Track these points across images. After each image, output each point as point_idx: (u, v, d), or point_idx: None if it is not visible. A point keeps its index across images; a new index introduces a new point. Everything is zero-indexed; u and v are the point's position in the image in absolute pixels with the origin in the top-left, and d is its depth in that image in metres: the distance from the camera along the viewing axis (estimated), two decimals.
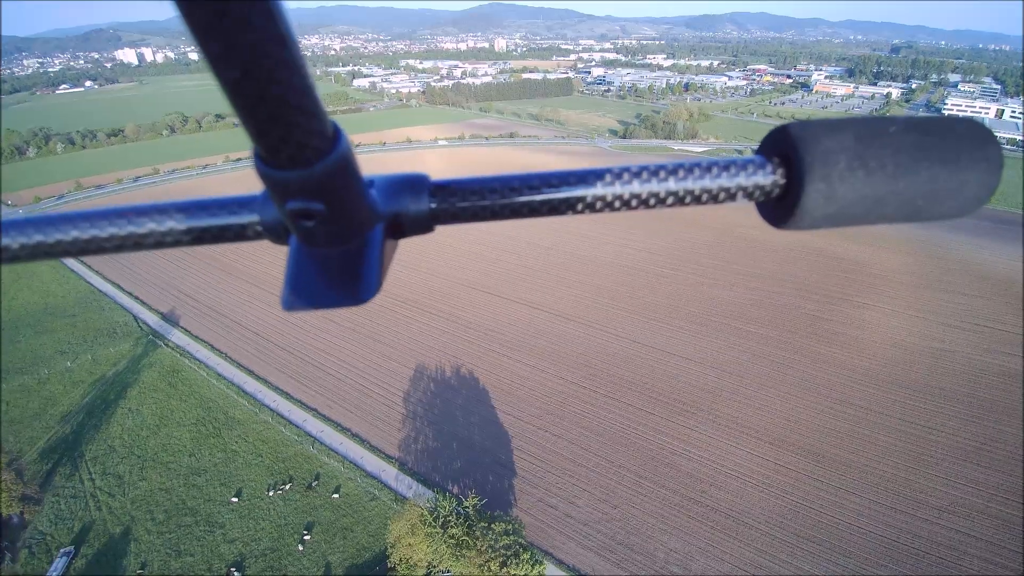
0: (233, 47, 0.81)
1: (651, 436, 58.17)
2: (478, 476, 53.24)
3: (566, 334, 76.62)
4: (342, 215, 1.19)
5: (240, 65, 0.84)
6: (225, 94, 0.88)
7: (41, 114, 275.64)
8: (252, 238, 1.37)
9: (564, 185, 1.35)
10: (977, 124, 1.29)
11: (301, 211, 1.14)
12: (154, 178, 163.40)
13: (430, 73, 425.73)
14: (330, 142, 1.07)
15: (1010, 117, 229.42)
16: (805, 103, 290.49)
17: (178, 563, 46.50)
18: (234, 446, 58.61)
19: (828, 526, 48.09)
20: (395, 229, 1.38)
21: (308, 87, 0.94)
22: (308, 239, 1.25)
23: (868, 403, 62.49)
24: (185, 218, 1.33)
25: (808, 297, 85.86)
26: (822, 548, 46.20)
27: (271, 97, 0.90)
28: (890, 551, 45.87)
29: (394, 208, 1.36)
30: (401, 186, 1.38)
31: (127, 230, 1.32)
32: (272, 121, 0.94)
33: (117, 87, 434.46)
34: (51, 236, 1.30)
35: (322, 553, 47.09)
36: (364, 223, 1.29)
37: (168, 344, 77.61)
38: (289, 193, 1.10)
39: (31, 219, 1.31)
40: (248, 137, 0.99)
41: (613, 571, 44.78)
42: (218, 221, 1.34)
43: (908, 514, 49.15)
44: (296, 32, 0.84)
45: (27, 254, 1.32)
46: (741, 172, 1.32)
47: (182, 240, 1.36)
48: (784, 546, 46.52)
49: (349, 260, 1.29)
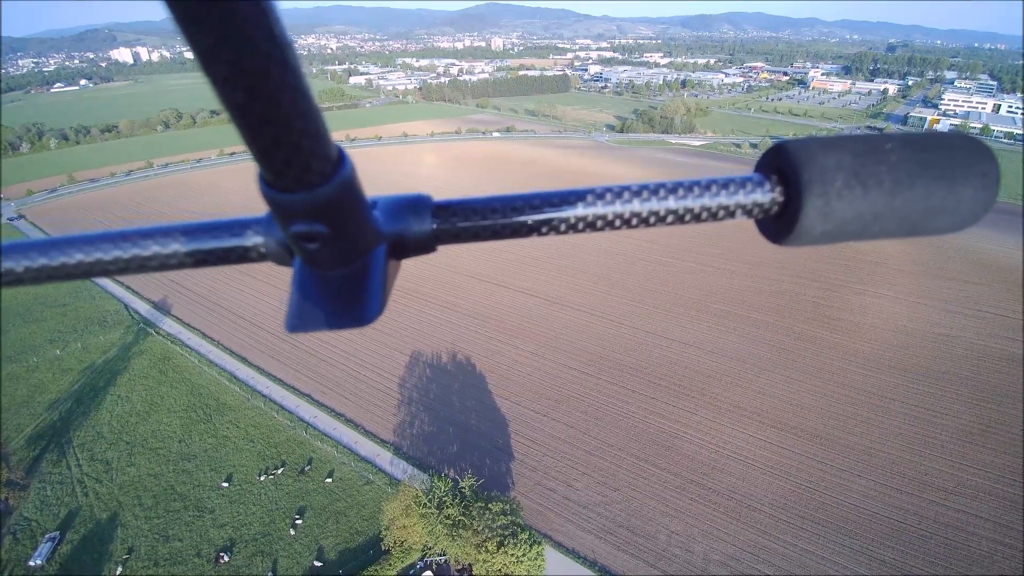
0: (238, 71, 0.81)
1: (652, 420, 57.08)
2: (475, 460, 52.06)
3: (564, 321, 75.52)
4: (345, 237, 1.19)
5: (246, 89, 0.84)
6: (231, 118, 0.90)
7: (35, 112, 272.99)
8: (256, 260, 1.37)
9: (565, 205, 1.35)
10: (974, 140, 1.28)
11: (305, 234, 1.14)
12: (147, 172, 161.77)
13: (427, 71, 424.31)
14: (334, 165, 1.08)
15: (1007, 112, 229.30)
16: (802, 99, 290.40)
17: (166, 548, 45.19)
18: (225, 432, 57.30)
19: (833, 508, 47.05)
20: (398, 250, 1.38)
21: (313, 111, 0.95)
22: (312, 261, 1.25)
23: (872, 387, 61.52)
24: (189, 240, 1.33)
25: (808, 284, 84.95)
26: (827, 530, 45.16)
27: (276, 121, 0.91)
28: (897, 532, 44.85)
29: (397, 229, 1.36)
30: (404, 207, 1.38)
31: (131, 253, 1.32)
32: (277, 145, 0.95)
33: (112, 85, 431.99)
34: (56, 260, 1.30)
35: (314, 537, 45.84)
36: (367, 244, 1.29)
37: (159, 332, 76.23)
38: (293, 216, 1.11)
39: (35, 243, 1.31)
40: (254, 160, 1.01)
41: (614, 553, 43.66)
42: (222, 243, 1.34)
43: (914, 496, 48.15)
44: (293, 35, 0.88)
45: (31, 278, 1.31)
46: (740, 190, 1.32)
47: (186, 263, 1.36)
48: (789, 528, 45.46)
49: (352, 281, 1.29)
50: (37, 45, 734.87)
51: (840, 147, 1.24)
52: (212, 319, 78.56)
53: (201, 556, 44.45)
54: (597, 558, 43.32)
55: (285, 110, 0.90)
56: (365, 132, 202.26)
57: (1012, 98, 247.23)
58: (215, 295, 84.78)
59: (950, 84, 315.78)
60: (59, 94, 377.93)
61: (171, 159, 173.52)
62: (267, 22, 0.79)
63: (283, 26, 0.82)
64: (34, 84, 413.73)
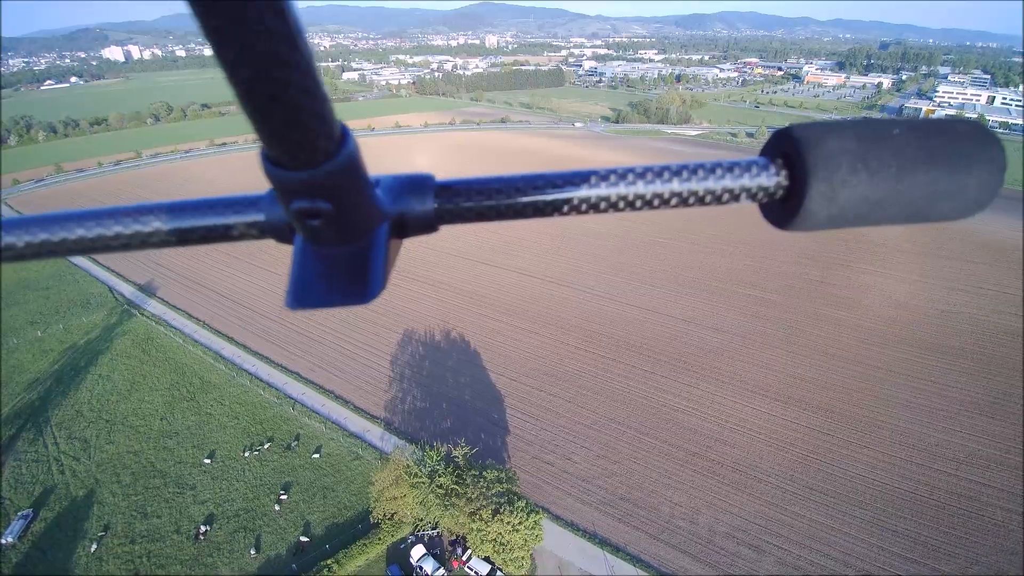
0: (248, 50, 0.82)
1: (652, 394, 55.25)
2: (469, 435, 49.94)
3: (561, 299, 73.65)
4: (348, 214, 1.20)
5: (254, 68, 0.85)
6: (237, 96, 0.89)
7: (25, 108, 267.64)
8: (257, 237, 1.36)
9: (568, 185, 1.34)
10: (980, 126, 1.28)
11: (307, 210, 1.14)
12: (136, 162, 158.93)
13: (421, 67, 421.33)
14: (338, 143, 1.08)
15: (1001, 103, 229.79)
16: (797, 92, 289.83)
17: (144, 525, 42.97)
18: (209, 409, 55.10)
19: (841, 478, 45.31)
20: (400, 228, 1.38)
21: (319, 89, 0.95)
22: (314, 238, 1.25)
23: (877, 361, 59.90)
24: (190, 217, 1.33)
25: (809, 264, 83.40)
26: (836, 500, 43.40)
27: (283, 99, 0.91)
28: (908, 502, 43.15)
29: (399, 208, 1.36)
30: (406, 186, 1.38)
31: (132, 228, 1.31)
32: (283, 123, 0.96)
33: (103, 83, 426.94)
34: (56, 234, 1.29)
35: (300, 513, 43.74)
36: (369, 222, 1.29)
37: (143, 313, 73.88)
38: (297, 193, 1.11)
39: (37, 218, 1.30)
40: (258, 138, 0.99)
41: (615, 526, 41.76)
42: (223, 220, 1.33)
43: (925, 466, 46.49)
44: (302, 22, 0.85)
45: (32, 252, 1.31)
46: (745, 173, 1.31)
47: (188, 239, 1.35)
48: (795, 499, 43.69)
49: (354, 259, 1.29)
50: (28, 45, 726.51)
51: (846, 131, 1.22)
52: (197, 300, 76.27)
53: (180, 532, 42.32)
54: (597, 530, 41.44)
55: (292, 88, 0.90)
56: (357, 124, 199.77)
57: (1005, 91, 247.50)
58: (201, 276, 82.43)
59: (944, 79, 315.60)
60: (49, 91, 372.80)
61: (161, 149, 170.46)
62: (277, 1, 0.79)
63: (293, 4, 0.82)
64: (24, 82, 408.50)
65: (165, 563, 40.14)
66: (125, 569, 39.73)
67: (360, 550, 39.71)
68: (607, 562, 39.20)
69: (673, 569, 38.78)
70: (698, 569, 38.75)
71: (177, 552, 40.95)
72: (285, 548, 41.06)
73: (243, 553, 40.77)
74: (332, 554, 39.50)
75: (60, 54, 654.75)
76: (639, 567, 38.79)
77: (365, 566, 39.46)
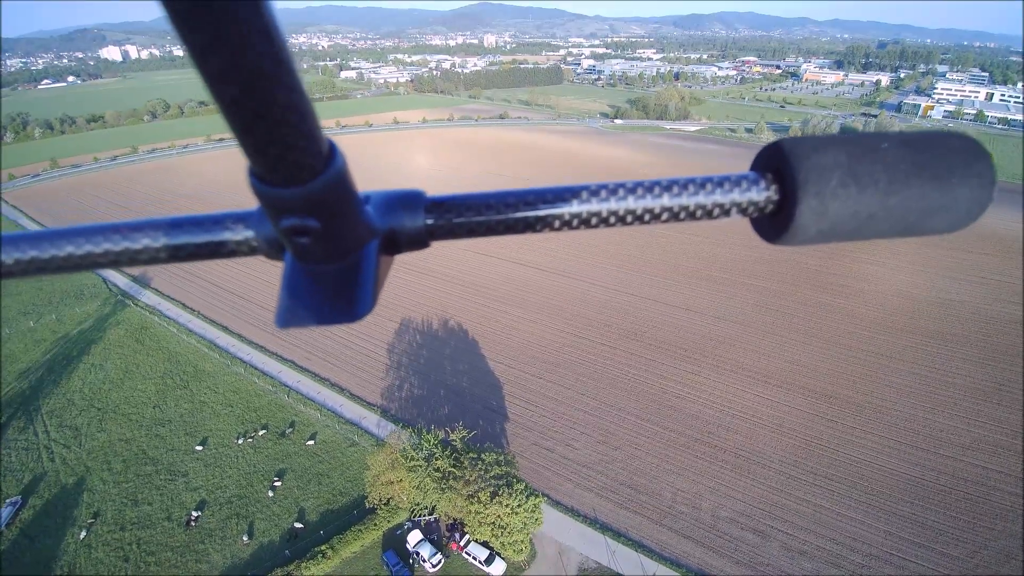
0: (232, 67, 0.80)
1: (653, 381, 54.47)
2: (467, 421, 48.88)
3: (561, 288, 72.86)
4: (337, 231, 1.18)
5: (238, 85, 0.83)
6: (222, 112, 0.88)
7: (22, 106, 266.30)
8: (247, 254, 1.34)
9: (559, 201, 1.34)
10: (970, 140, 1.26)
11: (296, 228, 1.13)
12: (132, 157, 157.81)
13: (419, 66, 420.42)
14: (325, 160, 1.07)
15: (1000, 100, 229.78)
16: (795, 90, 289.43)
17: (134, 512, 42.07)
18: (203, 397, 54.21)
19: (846, 464, 44.55)
20: (390, 245, 1.37)
21: (305, 106, 0.94)
22: (303, 255, 1.23)
23: (879, 349, 59.19)
24: (180, 234, 1.31)
25: (809, 254, 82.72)
26: (841, 485, 42.64)
27: (268, 116, 0.89)
28: (915, 488, 42.39)
29: (390, 224, 1.34)
30: (397, 202, 1.36)
31: (122, 246, 1.29)
32: (269, 140, 0.94)
33: (100, 82, 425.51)
34: (46, 252, 1.28)
35: (294, 499, 42.86)
36: (359, 239, 1.27)
37: (137, 303, 72.97)
38: (284, 210, 1.09)
39: (27, 235, 1.29)
40: (244, 155, 0.98)
41: (616, 511, 40.94)
42: (213, 237, 1.31)
43: (930, 452, 45.75)
44: (284, 34, 0.84)
45: (20, 270, 1.29)
46: (735, 188, 1.31)
47: (177, 255, 1.33)
48: (799, 484, 42.91)
49: (344, 276, 1.26)
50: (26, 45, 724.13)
51: (835, 146, 1.22)
52: (192, 290, 75.40)
53: (172, 519, 41.42)
54: (598, 516, 40.62)
55: (278, 105, 0.88)
56: (355, 120, 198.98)
57: (1004, 88, 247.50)
58: (196, 266, 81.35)
59: (942, 76, 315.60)
60: (46, 90, 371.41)
61: (157, 145, 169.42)
62: (262, 19, 0.78)
63: (277, 21, 0.81)
64: (21, 81, 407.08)
65: (156, 550, 39.24)
66: (115, 556, 38.83)
67: (355, 536, 38.81)
68: (608, 547, 38.39)
69: (675, 554, 37.98)
70: (700, 553, 37.96)
71: (168, 539, 40.04)
72: (278, 535, 40.18)
73: (235, 539, 39.88)
74: (326, 540, 38.63)
75: (58, 54, 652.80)
76: (641, 552, 37.98)
77: (360, 552, 38.58)
